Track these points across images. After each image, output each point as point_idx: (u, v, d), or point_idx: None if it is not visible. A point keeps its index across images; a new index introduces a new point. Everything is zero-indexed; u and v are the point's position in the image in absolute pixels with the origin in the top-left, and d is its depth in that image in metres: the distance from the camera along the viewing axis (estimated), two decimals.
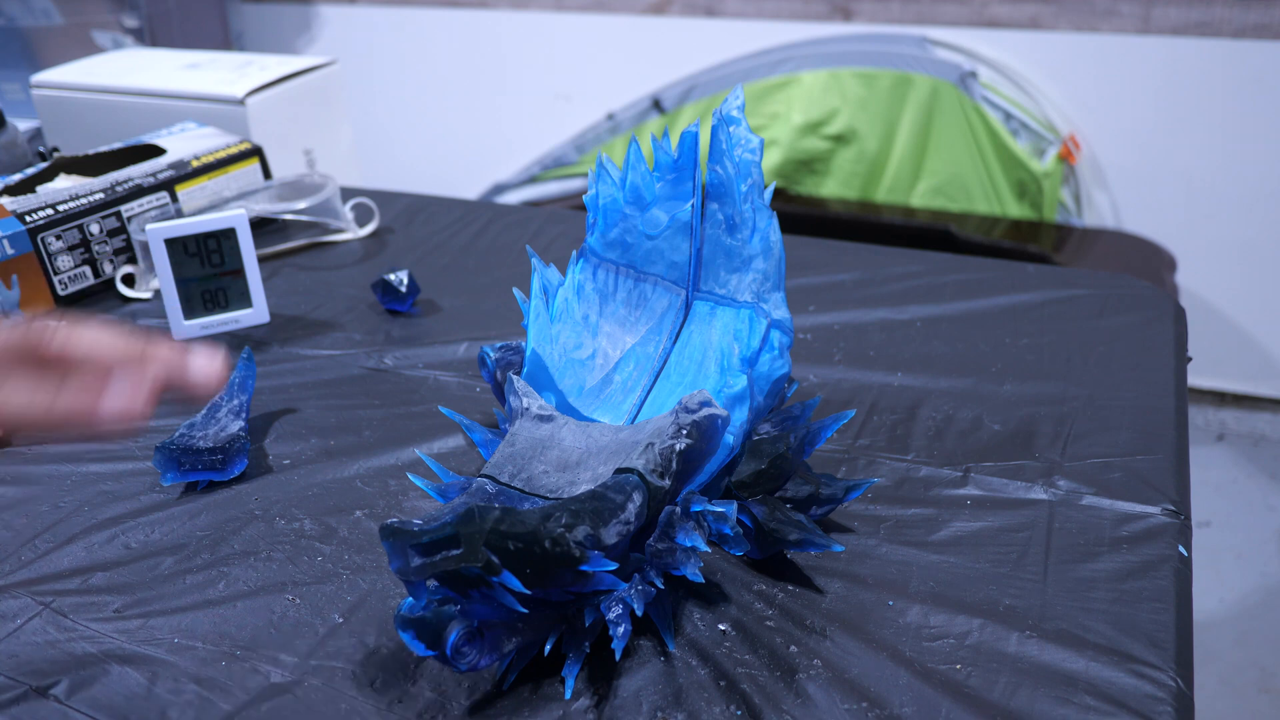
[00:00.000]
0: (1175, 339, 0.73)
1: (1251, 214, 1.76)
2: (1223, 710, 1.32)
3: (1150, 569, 0.51)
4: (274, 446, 0.64)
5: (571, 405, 0.57)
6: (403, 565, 0.41)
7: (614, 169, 0.59)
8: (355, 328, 0.79)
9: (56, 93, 1.18)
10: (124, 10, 1.90)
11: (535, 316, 0.58)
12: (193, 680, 0.46)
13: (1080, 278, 0.83)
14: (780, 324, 0.55)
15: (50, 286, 0.82)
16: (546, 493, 0.49)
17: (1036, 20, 1.77)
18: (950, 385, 0.68)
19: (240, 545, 0.55)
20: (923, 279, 0.83)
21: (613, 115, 2.01)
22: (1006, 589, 0.50)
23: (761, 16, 1.94)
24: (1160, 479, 0.58)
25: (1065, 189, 1.82)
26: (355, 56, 2.24)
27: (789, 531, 0.50)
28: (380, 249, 0.94)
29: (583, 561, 0.43)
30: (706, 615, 0.49)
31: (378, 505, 0.58)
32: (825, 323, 0.77)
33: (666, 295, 0.59)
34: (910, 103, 1.78)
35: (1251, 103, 1.69)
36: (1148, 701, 0.43)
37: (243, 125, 1.10)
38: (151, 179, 0.89)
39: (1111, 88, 1.76)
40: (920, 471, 0.59)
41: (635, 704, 0.44)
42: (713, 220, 0.57)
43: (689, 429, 0.48)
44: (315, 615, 0.50)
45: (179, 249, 0.74)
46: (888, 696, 0.44)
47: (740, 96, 0.56)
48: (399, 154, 2.34)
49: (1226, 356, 1.87)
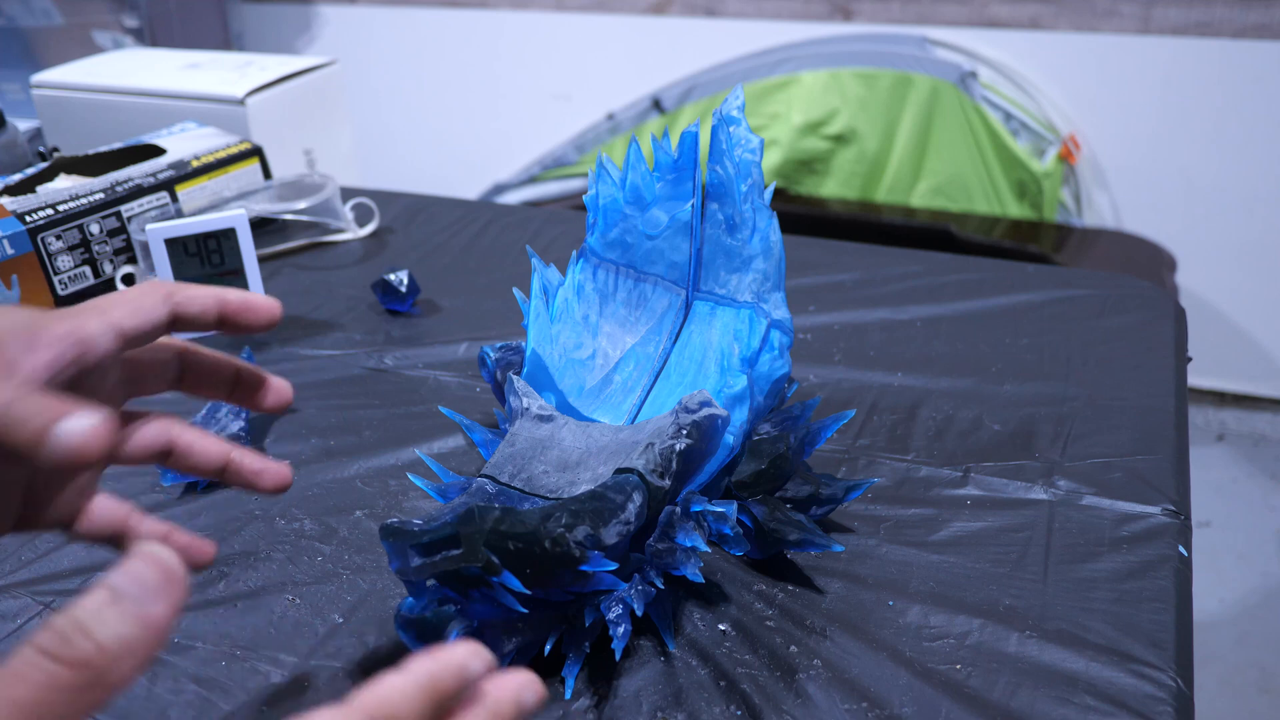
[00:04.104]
0: (1175, 339, 0.73)
1: (1251, 214, 1.76)
2: (1223, 710, 1.32)
3: (1150, 569, 0.51)
4: (274, 446, 0.64)
5: (571, 405, 0.57)
6: (403, 565, 0.41)
7: (614, 169, 0.59)
8: (355, 328, 0.79)
9: (56, 93, 1.18)
10: (124, 10, 1.89)
11: (535, 316, 0.58)
12: (193, 680, 0.46)
13: (1080, 278, 0.83)
14: (780, 324, 0.55)
15: (50, 286, 0.82)
16: (546, 493, 0.49)
17: (1036, 20, 1.77)
18: (950, 385, 0.68)
19: (240, 545, 0.55)
20: (923, 279, 0.83)
21: (613, 115, 2.01)
22: (1006, 589, 0.50)
23: (761, 16, 1.94)
24: (1160, 479, 0.58)
25: (1065, 189, 1.82)
26: (355, 56, 2.24)
27: (789, 531, 0.50)
28: (380, 249, 0.94)
29: (583, 561, 0.43)
30: (706, 615, 0.49)
31: (378, 505, 0.58)
32: (825, 323, 0.77)
33: (666, 295, 0.59)
34: (910, 103, 1.78)
35: (1251, 103, 1.69)
36: (1148, 701, 0.43)
37: (243, 125, 1.10)
38: (151, 179, 0.89)
39: (1111, 88, 1.76)
40: (920, 471, 0.59)
41: (635, 704, 0.44)
42: (713, 220, 0.57)
43: (689, 429, 0.48)
44: (315, 615, 0.50)
45: (179, 249, 0.74)
46: (888, 696, 0.44)
47: (740, 96, 0.56)
48: (399, 154, 2.34)
49: (1226, 356, 1.87)
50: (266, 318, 0.39)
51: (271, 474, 0.40)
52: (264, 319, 0.39)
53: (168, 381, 0.40)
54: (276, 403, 0.42)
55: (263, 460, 0.40)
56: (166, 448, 0.39)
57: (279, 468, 0.40)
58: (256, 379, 0.41)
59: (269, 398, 0.41)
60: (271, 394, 0.41)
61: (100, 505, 0.40)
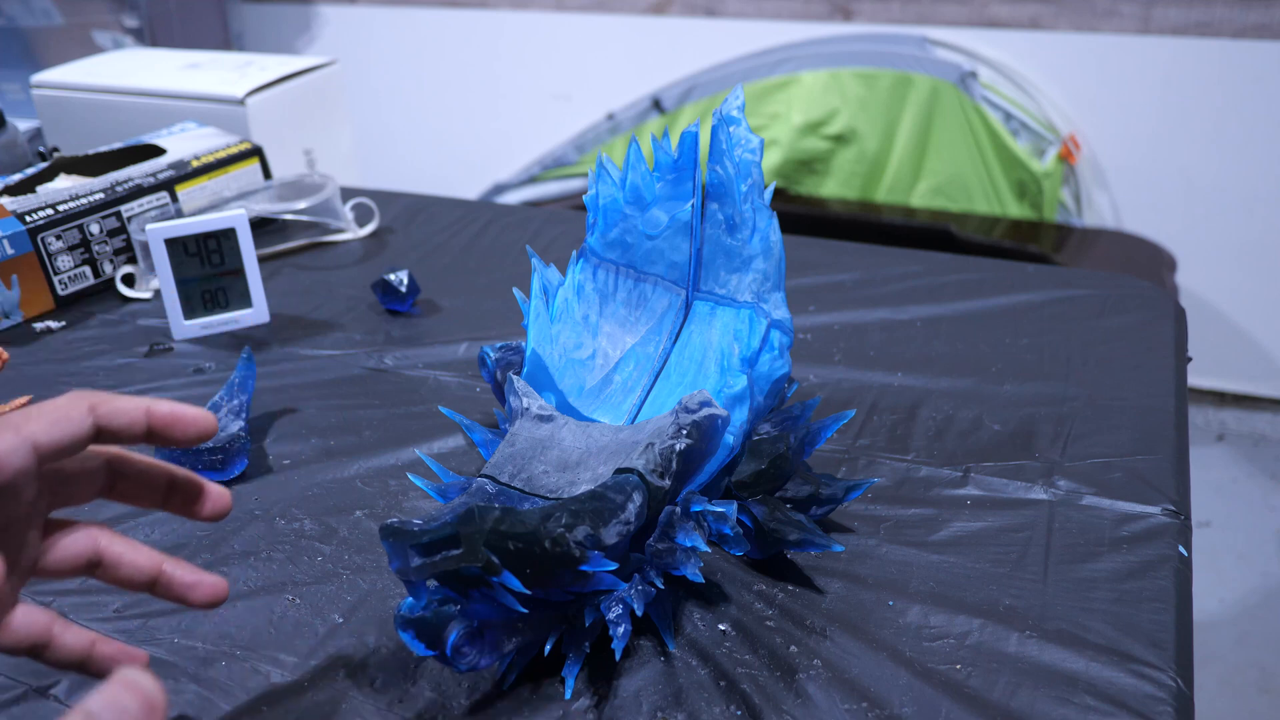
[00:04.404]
0: (1175, 339, 0.73)
1: (1251, 214, 1.76)
2: (1223, 710, 1.32)
3: (1150, 569, 0.51)
4: (274, 446, 0.64)
5: (571, 405, 0.57)
6: (403, 565, 0.41)
7: (614, 169, 0.59)
8: (355, 328, 0.79)
9: (56, 93, 1.18)
10: (124, 10, 1.90)
11: (535, 316, 0.58)
12: (193, 680, 0.46)
13: (1080, 278, 0.83)
14: (780, 324, 0.55)
15: (50, 286, 0.82)
16: (546, 493, 0.49)
17: (1036, 20, 1.77)
18: (950, 385, 0.68)
19: (240, 545, 0.55)
20: (923, 279, 0.83)
21: (613, 115, 2.01)
22: (1006, 589, 0.50)
23: (761, 16, 1.94)
24: (1160, 479, 0.58)
25: (1065, 189, 1.82)
26: (355, 56, 2.24)
27: (789, 531, 0.50)
28: (380, 249, 0.94)
29: (583, 561, 0.43)
30: (706, 615, 0.49)
31: (378, 505, 0.58)
32: (825, 323, 0.77)
33: (666, 295, 0.59)
34: (910, 103, 1.78)
35: (1251, 103, 1.69)
36: (1148, 701, 0.43)
37: (243, 125, 1.10)
38: (151, 179, 0.89)
39: (1111, 88, 1.76)
40: (920, 471, 0.59)
41: (635, 704, 0.44)
42: (713, 220, 0.57)
43: (689, 429, 0.48)
44: (315, 615, 0.50)
45: (179, 249, 0.74)
46: (888, 696, 0.44)
47: (740, 96, 0.56)
48: (399, 154, 2.34)
49: (1226, 356, 1.87)
50: (196, 431, 0.38)
51: (206, 588, 0.39)
52: (194, 432, 0.38)
53: (96, 489, 0.39)
54: (214, 512, 0.40)
55: (196, 573, 0.39)
56: (93, 559, 0.38)
57: (213, 581, 0.39)
58: (193, 488, 0.40)
59: (206, 507, 0.40)
60: (209, 503, 0.40)
61: (21, 616, 0.38)
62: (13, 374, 0.73)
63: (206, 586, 0.39)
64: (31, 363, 0.75)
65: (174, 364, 0.74)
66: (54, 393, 0.69)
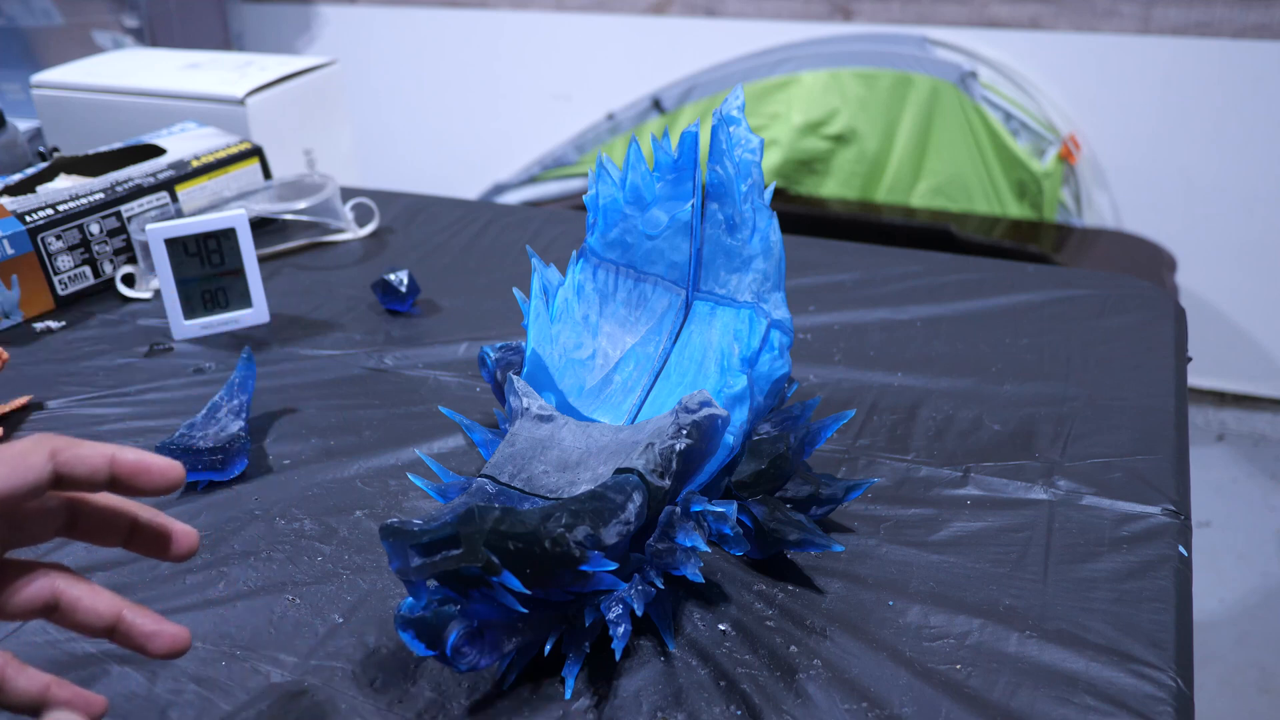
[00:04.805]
0: (1175, 339, 0.73)
1: (1251, 214, 1.76)
2: (1223, 710, 1.32)
3: (1150, 569, 0.51)
4: (274, 446, 0.64)
5: (571, 405, 0.57)
6: (403, 565, 0.41)
7: (614, 169, 0.59)
8: (355, 328, 0.79)
9: (56, 93, 1.18)
10: (124, 10, 1.90)
11: (535, 316, 0.58)
12: (193, 680, 0.46)
13: (1080, 278, 0.83)
14: (780, 324, 0.55)
15: (50, 286, 0.82)
16: (546, 493, 0.49)
17: (1036, 20, 1.77)
18: (950, 385, 0.68)
19: (240, 545, 0.55)
20: (923, 279, 0.83)
21: (613, 115, 2.01)
22: (1006, 589, 0.50)
23: (761, 16, 1.94)
24: (1160, 479, 0.58)
25: (1065, 189, 1.82)
26: (355, 56, 2.24)
27: (789, 531, 0.50)
28: (380, 249, 0.94)
29: (583, 561, 0.43)
30: (706, 615, 0.49)
31: (378, 505, 0.58)
32: (825, 323, 0.77)
33: (666, 295, 0.59)
34: (910, 103, 1.78)
35: (1251, 103, 1.69)
36: (1148, 701, 0.43)
37: (243, 125, 1.10)
38: (151, 179, 0.89)
39: (1111, 88, 1.76)
40: (920, 471, 0.59)
41: (635, 704, 0.44)
42: (713, 220, 0.57)
43: (689, 429, 0.48)
44: (315, 615, 0.50)
45: (179, 249, 0.74)
46: (888, 696, 0.44)
47: (740, 96, 0.56)
48: (399, 154, 2.34)
49: (1226, 356, 1.87)
50: (164, 482, 0.37)
51: (166, 638, 0.38)
52: (161, 483, 0.37)
53: (55, 529, 0.38)
54: (180, 552, 0.39)
55: (157, 622, 0.38)
56: (50, 603, 0.37)
57: (174, 632, 0.38)
58: (159, 530, 0.39)
59: (173, 547, 0.39)
60: (176, 545, 0.39)
61: None
62: (13, 374, 0.73)
63: (166, 637, 0.38)
64: (31, 363, 0.75)
65: (174, 364, 0.74)
66: (54, 393, 0.70)
